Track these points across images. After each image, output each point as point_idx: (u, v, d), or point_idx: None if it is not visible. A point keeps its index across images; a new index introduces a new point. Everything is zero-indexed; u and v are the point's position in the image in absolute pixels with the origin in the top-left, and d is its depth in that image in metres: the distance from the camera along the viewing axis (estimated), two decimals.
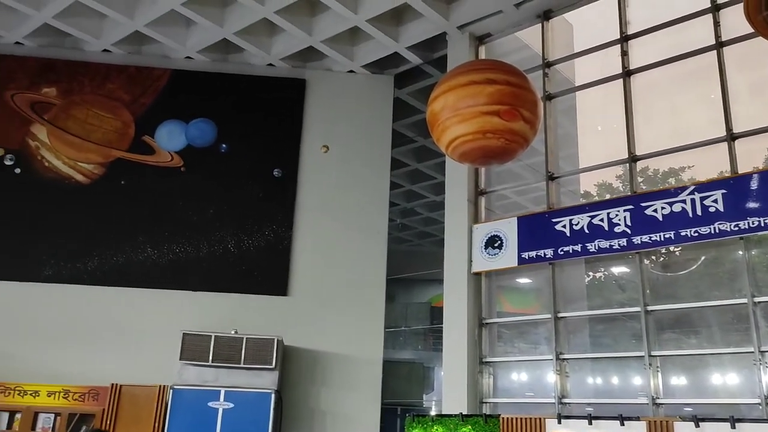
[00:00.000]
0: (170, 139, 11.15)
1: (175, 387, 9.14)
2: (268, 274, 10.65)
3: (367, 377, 10.19)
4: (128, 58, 11.41)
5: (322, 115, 11.44)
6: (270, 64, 11.44)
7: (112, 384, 9.17)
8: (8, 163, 10.79)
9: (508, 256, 9.40)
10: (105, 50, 11.29)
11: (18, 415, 9.29)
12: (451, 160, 9.10)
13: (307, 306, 10.50)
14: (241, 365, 9.30)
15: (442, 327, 9.86)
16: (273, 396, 9.23)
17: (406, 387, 13.58)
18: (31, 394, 9.34)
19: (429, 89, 7.80)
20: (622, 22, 9.50)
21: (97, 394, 9.34)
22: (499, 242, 9.52)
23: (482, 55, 10.65)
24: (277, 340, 9.44)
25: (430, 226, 16.74)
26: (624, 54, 9.35)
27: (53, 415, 9.35)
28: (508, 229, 9.52)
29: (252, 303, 10.43)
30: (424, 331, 15.44)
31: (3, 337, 9.87)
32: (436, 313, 14.75)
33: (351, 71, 11.51)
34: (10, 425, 9.21)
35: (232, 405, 9.12)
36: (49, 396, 9.36)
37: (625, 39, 9.42)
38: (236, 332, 9.48)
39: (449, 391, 9.41)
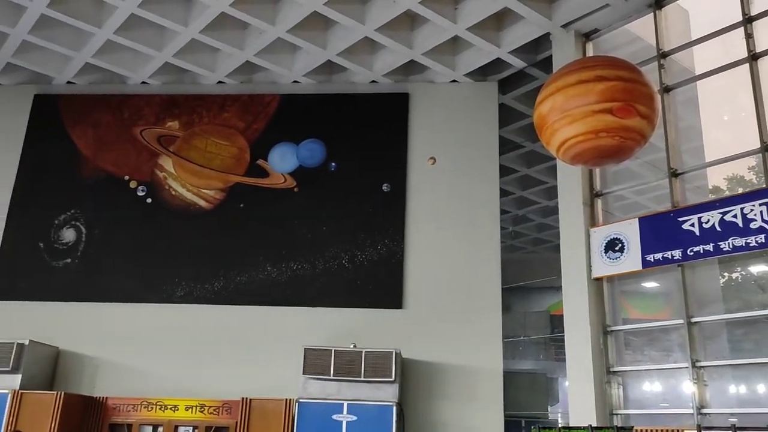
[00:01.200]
0: (282, 162, 11.60)
1: (301, 400, 9.43)
2: (383, 287, 10.77)
3: (488, 388, 10.02)
4: (240, 87, 12.02)
5: (427, 127, 11.47)
6: (373, 81, 11.65)
7: (243, 398, 9.59)
8: (140, 194, 11.64)
9: (631, 260, 8.94)
10: (219, 82, 11.96)
11: (160, 429, 9.95)
12: (562, 163, 8.82)
13: (422, 318, 10.50)
14: (362, 378, 9.44)
15: (563, 336, 9.53)
16: (394, 408, 9.28)
17: (529, 398, 13.22)
18: (171, 409, 9.97)
19: (535, 92, 7.62)
20: (744, 2, 8.83)
21: (230, 407, 9.82)
22: (619, 245, 9.09)
23: (590, 53, 10.27)
24: (395, 353, 9.50)
25: (544, 232, 16.31)
26: (749, 36, 8.67)
27: (191, 428, 9.93)
28: (629, 231, 9.06)
29: (368, 317, 10.58)
30: (545, 340, 15.00)
31: (144, 356, 10.62)
32: (556, 322, 14.33)
33: (453, 81, 11.48)
34: None
35: (355, 418, 9.27)
36: (187, 410, 9.95)
37: (748, 20, 8.74)
38: (355, 346, 9.65)
39: (576, 403, 9.05)
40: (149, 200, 11.61)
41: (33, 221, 11.58)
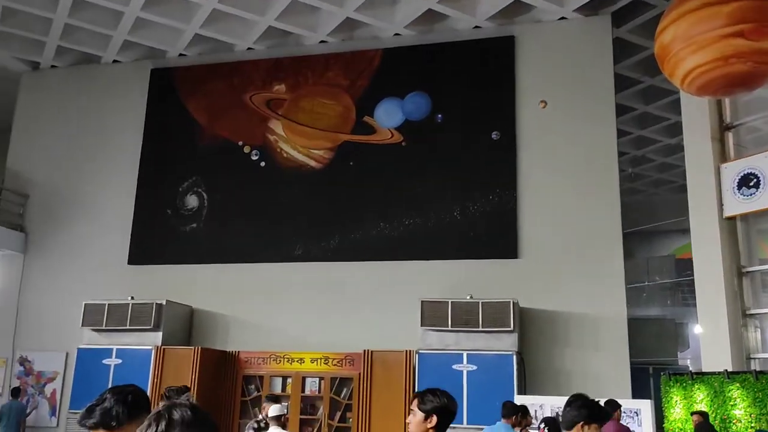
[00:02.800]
0: (388, 117, 11.58)
1: (420, 351, 9.58)
2: (497, 238, 10.62)
3: (613, 336, 9.71)
4: (342, 45, 12.04)
5: (536, 70, 11.01)
6: (476, 27, 11.27)
7: (364, 350, 9.88)
8: (254, 158, 12.07)
9: None
10: (322, 41, 12.03)
11: (289, 380, 10.48)
12: (687, 96, 8.20)
13: (539, 267, 10.28)
14: (480, 329, 9.44)
15: (691, 280, 9.02)
16: (514, 357, 9.23)
17: (657, 345, 12.70)
18: (297, 361, 10.47)
19: (653, 22, 7.09)
20: None
21: (353, 359, 10.16)
22: (755, 180, 8.39)
23: None
24: (513, 302, 9.40)
25: (666, 172, 15.36)
26: None
27: (318, 379, 10.39)
28: (766, 165, 8.33)
29: (483, 267, 10.49)
30: (671, 285, 14.28)
31: (270, 312, 11.16)
32: (682, 266, 13.57)
33: (562, 18, 10.88)
34: (284, 388, 10.42)
35: (475, 367, 9.32)
36: (312, 362, 10.41)
37: None
38: (471, 297, 9.62)
39: (708, 348, 8.61)
40: (263, 164, 12.01)
41: (160, 190, 12.33)
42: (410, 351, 9.68)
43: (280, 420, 6.24)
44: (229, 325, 11.41)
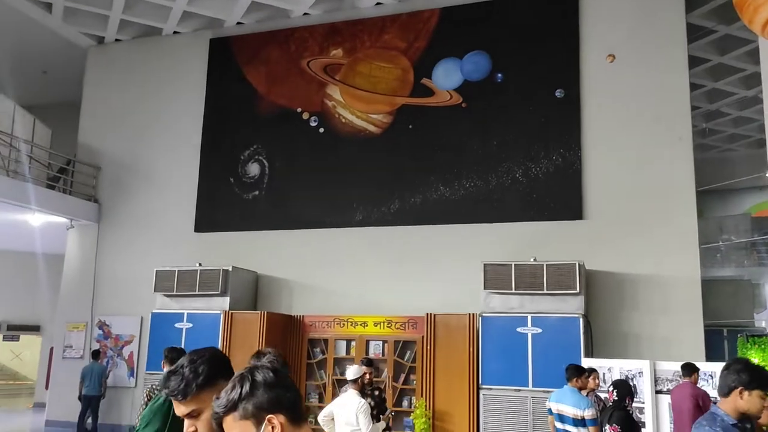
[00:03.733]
0: (447, 78, 11.35)
1: (484, 314, 9.51)
2: (561, 199, 10.35)
3: (685, 298, 9.38)
4: (398, 7, 11.82)
5: (601, 23, 10.53)
6: None
7: (427, 314, 9.88)
8: (313, 124, 12.09)
9: None
10: (377, 3, 11.84)
11: (353, 343, 10.63)
12: (766, 44, 7.65)
13: (606, 228, 9.98)
14: (544, 291, 9.27)
15: None
16: (581, 320, 9.04)
17: (732, 306, 12.20)
18: (361, 325, 10.58)
19: None
20: None
21: (416, 323, 10.19)
22: None
23: None
24: (579, 264, 9.17)
25: (742, 126, 14.54)
26: None
27: (381, 342, 10.49)
28: None
29: (547, 229, 10.27)
30: (747, 245, 13.63)
31: (333, 277, 11.29)
32: (758, 224, 12.93)
33: None
34: (348, 351, 10.58)
35: (540, 330, 9.19)
36: (376, 326, 10.50)
37: None
38: (535, 260, 9.45)
39: None
40: (321, 130, 12.03)
41: (222, 159, 12.55)
42: (473, 314, 9.62)
43: (356, 383, 6.10)
44: (293, 290, 11.61)
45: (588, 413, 5.83)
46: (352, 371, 6.13)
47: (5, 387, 18.22)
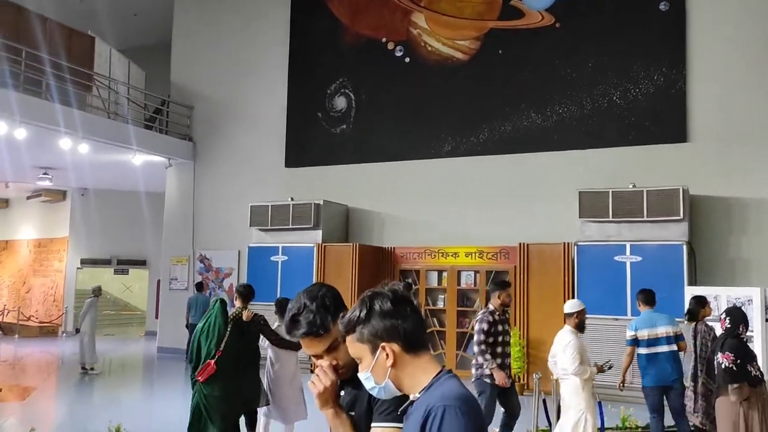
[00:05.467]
0: None
1: (579, 243, 9.27)
2: (662, 121, 9.78)
3: None
4: None
5: None
6: None
7: (520, 243, 9.74)
8: (398, 54, 11.86)
9: None
10: None
11: (444, 274, 10.67)
12: None
13: (713, 151, 9.38)
14: (644, 218, 8.90)
15: None
16: (684, 247, 8.65)
17: None
18: (452, 256, 10.58)
19: None
20: None
21: (508, 253, 10.09)
22: None
23: None
24: (682, 189, 8.71)
25: None
26: None
27: (472, 272, 10.48)
28: None
29: (647, 154, 9.78)
30: None
31: (423, 209, 11.27)
32: None
33: None
34: (439, 282, 10.65)
35: (639, 258, 8.87)
36: (467, 256, 10.48)
37: None
38: (634, 186, 9.05)
39: None
40: (407, 59, 11.80)
41: (309, 94, 12.59)
42: (568, 243, 9.40)
43: (572, 317, 5.20)
44: (384, 222, 11.70)
45: (680, 328, 5.93)
46: (569, 305, 5.28)
47: (119, 317, 19.63)
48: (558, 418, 5.53)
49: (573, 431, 5.05)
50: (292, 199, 11.39)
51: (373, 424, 1.84)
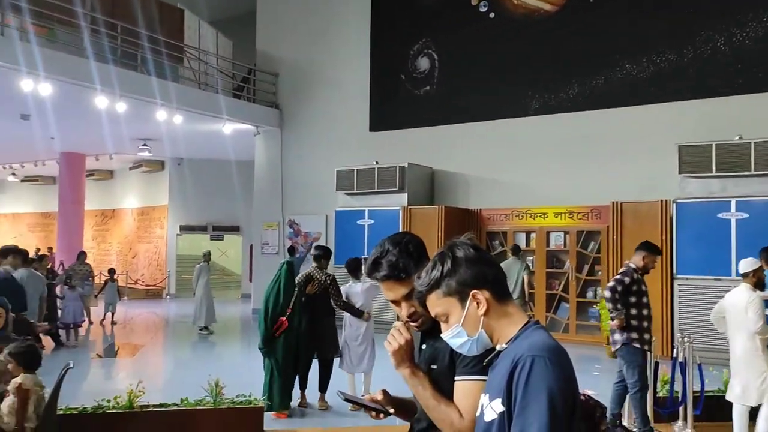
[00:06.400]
0: None
1: (679, 201, 8.77)
2: None
3: None
4: None
5: None
6: None
7: (612, 202, 9.33)
8: (482, 9, 11.49)
9: None
10: None
11: (533, 235, 10.43)
12: None
13: None
14: (752, 173, 8.29)
15: None
16: None
17: None
18: (540, 216, 10.31)
19: None
20: None
21: (599, 212, 9.70)
22: None
23: None
24: None
25: None
26: None
27: (562, 233, 10.18)
28: None
29: (756, 103, 9.05)
30: None
31: (510, 169, 11.01)
32: None
33: None
34: (527, 243, 10.41)
35: (746, 215, 8.30)
36: (556, 217, 10.17)
37: None
38: (740, 138, 8.42)
39: None
40: (492, 15, 11.42)
41: (392, 56, 12.48)
42: (666, 201, 8.92)
43: (749, 276, 4.85)
44: (469, 184, 11.53)
45: None
46: (744, 264, 4.94)
47: (217, 281, 20.56)
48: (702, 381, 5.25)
49: (759, 393, 4.66)
50: (377, 162, 11.40)
51: (456, 378, 1.79)
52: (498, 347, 1.60)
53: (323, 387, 6.22)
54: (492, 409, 1.51)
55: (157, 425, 4.99)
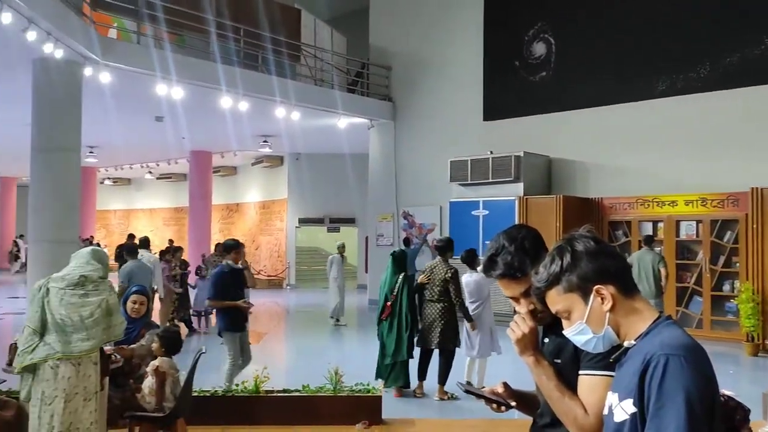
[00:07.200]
0: None
1: None
2: None
3: None
4: None
5: None
6: None
7: (752, 188, 8.61)
8: None
9: None
10: None
11: (660, 224, 9.83)
12: None
13: None
14: None
15: None
16: None
17: None
18: (669, 204, 9.70)
19: None
20: None
21: (737, 199, 8.98)
22: None
23: None
24: None
25: None
26: None
27: (694, 222, 9.52)
28: None
29: None
30: None
31: (633, 156, 10.44)
32: None
33: None
34: (655, 233, 9.82)
35: None
36: (687, 205, 9.53)
37: None
38: None
39: None
40: None
41: (506, 43, 12.20)
42: None
43: None
44: (589, 172, 11.07)
45: None
46: None
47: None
48: None
49: None
50: (491, 152, 11.21)
51: (580, 372, 1.71)
52: (626, 343, 1.50)
53: (441, 378, 6.27)
54: (622, 409, 1.42)
55: (281, 410, 5.21)
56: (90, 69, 9.36)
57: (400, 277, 6.38)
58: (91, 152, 17.34)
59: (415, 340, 6.40)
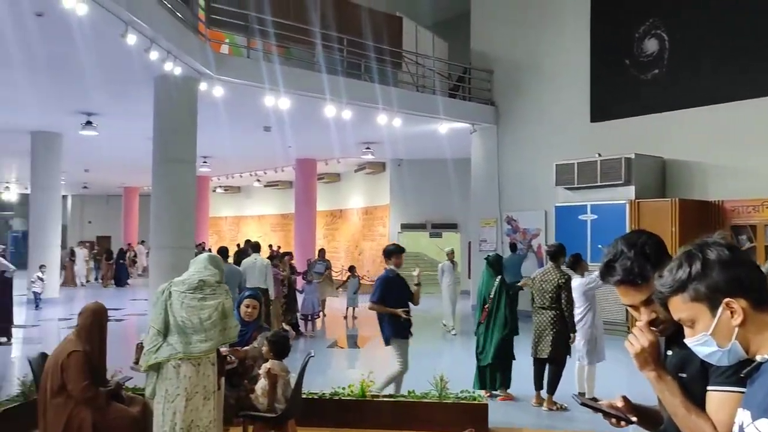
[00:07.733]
0: None
1: None
2: None
3: None
4: None
5: None
6: None
7: None
8: None
9: None
10: None
11: None
12: None
13: None
14: None
15: None
16: None
17: None
18: None
19: None
20: None
21: None
22: None
23: None
24: None
25: None
26: None
27: None
28: None
29: None
30: None
31: (758, 156, 9.70)
32: None
33: None
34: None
35: None
36: None
37: None
38: None
39: None
40: None
41: (614, 41, 11.74)
42: None
43: None
44: (707, 174, 10.42)
45: None
46: None
47: (436, 276, 21.11)
48: None
49: None
50: (599, 154, 10.80)
51: (709, 388, 1.60)
52: (758, 358, 1.40)
53: (551, 388, 6.15)
54: (756, 429, 1.32)
55: (386, 414, 5.26)
56: (205, 84, 9.90)
57: (497, 280, 6.44)
58: (204, 162, 18.31)
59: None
